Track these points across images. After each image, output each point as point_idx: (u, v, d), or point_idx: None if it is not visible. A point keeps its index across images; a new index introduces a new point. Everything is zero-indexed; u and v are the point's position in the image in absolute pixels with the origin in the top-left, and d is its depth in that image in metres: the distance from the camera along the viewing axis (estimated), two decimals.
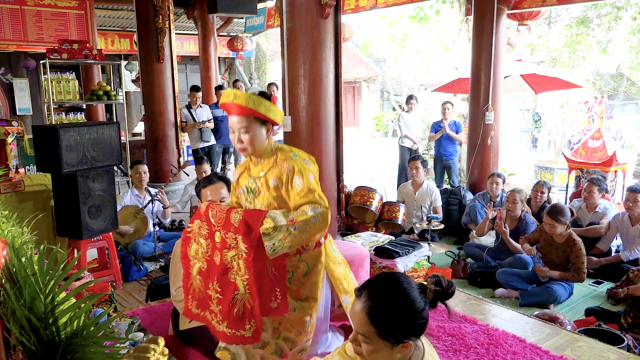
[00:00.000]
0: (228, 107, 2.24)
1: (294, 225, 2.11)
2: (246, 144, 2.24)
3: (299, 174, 2.20)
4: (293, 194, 2.20)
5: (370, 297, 1.42)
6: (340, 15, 4.11)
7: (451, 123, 7.09)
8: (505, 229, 4.65)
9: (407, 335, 1.41)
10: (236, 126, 2.23)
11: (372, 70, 19.95)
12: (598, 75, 13.89)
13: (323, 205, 2.17)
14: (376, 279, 1.50)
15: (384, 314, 1.40)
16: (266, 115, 2.20)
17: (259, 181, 2.30)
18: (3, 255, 1.31)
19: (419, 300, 1.43)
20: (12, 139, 3.99)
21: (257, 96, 2.19)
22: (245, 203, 2.36)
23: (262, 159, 2.31)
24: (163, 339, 1.49)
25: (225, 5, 7.66)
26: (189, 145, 8.02)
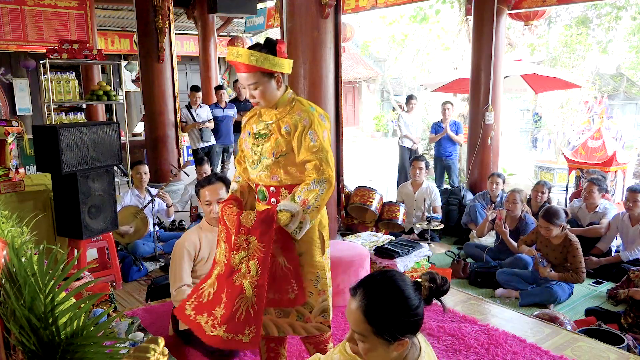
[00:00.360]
0: (236, 65, 2.25)
1: (307, 205, 2.15)
2: (258, 98, 2.26)
3: (314, 129, 2.21)
4: (304, 147, 2.20)
5: (366, 296, 1.43)
6: (340, 15, 4.12)
7: (451, 123, 7.09)
8: (505, 229, 4.65)
9: (402, 332, 1.42)
10: (245, 82, 2.25)
11: (372, 70, 19.95)
12: (598, 75, 13.88)
13: (327, 175, 2.20)
14: (370, 277, 1.50)
15: (379, 312, 1.40)
16: (272, 69, 2.20)
17: (270, 126, 2.29)
18: (3, 255, 1.31)
19: (414, 297, 1.44)
20: (12, 139, 3.99)
21: (260, 52, 2.16)
22: (253, 147, 2.33)
23: (277, 106, 2.31)
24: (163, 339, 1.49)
25: (225, 5, 7.67)
26: (189, 145, 8.02)
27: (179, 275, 2.91)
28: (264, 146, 2.28)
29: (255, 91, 2.23)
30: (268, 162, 2.26)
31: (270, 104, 2.29)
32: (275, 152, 2.24)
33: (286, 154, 2.24)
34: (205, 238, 2.97)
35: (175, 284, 2.91)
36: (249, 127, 2.40)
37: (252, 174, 2.39)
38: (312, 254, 2.34)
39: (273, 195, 2.31)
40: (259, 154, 2.29)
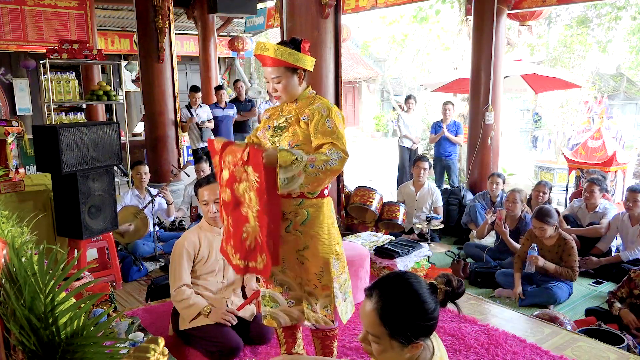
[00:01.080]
0: (262, 58, 2.33)
1: (312, 163, 2.13)
2: (280, 92, 2.34)
3: (331, 117, 2.26)
4: (320, 132, 2.23)
5: (381, 298, 1.42)
6: (340, 15, 4.12)
7: (451, 123, 7.09)
8: (505, 230, 4.65)
9: (417, 335, 1.41)
10: (269, 76, 2.33)
11: (372, 70, 19.95)
12: (598, 75, 13.89)
13: (343, 151, 2.20)
14: (386, 278, 1.49)
15: (395, 315, 1.40)
16: (296, 64, 2.29)
17: (290, 119, 2.35)
18: (3, 255, 1.31)
19: (430, 300, 1.43)
20: (12, 139, 3.99)
21: (285, 47, 2.27)
22: (271, 138, 2.37)
23: (298, 102, 2.38)
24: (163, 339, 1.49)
25: (225, 5, 7.67)
26: (189, 145, 8.03)
27: (179, 275, 2.91)
28: (281, 136, 2.33)
29: (278, 84, 2.32)
30: None
31: (291, 99, 2.37)
32: (291, 142, 2.29)
33: (301, 145, 2.28)
34: (205, 238, 2.97)
35: (174, 284, 2.91)
36: (269, 122, 2.44)
37: None
38: (317, 249, 2.35)
39: None
40: (276, 144, 2.33)
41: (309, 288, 2.39)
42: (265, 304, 2.50)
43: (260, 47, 2.30)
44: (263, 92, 11.10)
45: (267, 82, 2.37)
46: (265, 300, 2.50)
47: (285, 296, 2.45)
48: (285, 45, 2.28)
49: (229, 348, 2.82)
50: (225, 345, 2.81)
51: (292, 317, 2.47)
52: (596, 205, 5.05)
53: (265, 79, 2.37)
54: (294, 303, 2.45)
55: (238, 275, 3.03)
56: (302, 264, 2.37)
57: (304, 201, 2.32)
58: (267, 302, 2.49)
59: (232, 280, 3.06)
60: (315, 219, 2.34)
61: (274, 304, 2.48)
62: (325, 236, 2.37)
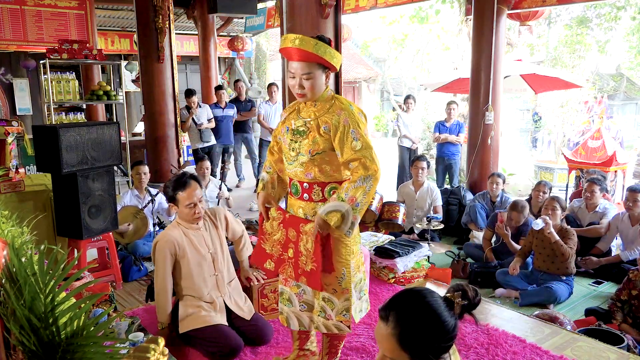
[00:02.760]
0: (290, 52, 2.21)
1: (355, 202, 2.18)
2: (307, 89, 2.23)
3: (355, 128, 2.22)
4: (347, 146, 2.21)
5: (399, 322, 1.36)
6: (340, 15, 4.11)
7: (455, 123, 7.08)
8: (507, 232, 4.65)
9: (439, 355, 1.38)
10: (298, 72, 2.21)
11: (372, 70, 19.94)
12: (598, 75, 13.88)
13: (373, 169, 2.22)
14: (402, 298, 1.43)
15: (415, 339, 1.35)
16: (330, 62, 2.19)
17: (309, 124, 2.29)
18: (3, 255, 1.31)
19: (449, 319, 1.39)
20: (12, 139, 4.00)
21: (322, 42, 2.16)
22: (291, 144, 2.34)
23: (317, 103, 2.30)
24: (163, 339, 1.49)
25: (225, 5, 7.67)
26: (189, 145, 8.03)
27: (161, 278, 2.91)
28: (301, 143, 2.29)
29: (307, 81, 2.21)
30: (304, 159, 2.28)
31: (314, 98, 2.28)
32: (311, 150, 2.26)
33: (322, 153, 2.26)
34: (187, 235, 2.95)
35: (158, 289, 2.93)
36: (287, 123, 2.40)
37: (287, 168, 2.41)
38: (340, 252, 2.36)
39: (306, 191, 2.35)
40: (296, 151, 2.31)
41: (327, 293, 2.38)
42: (282, 302, 2.53)
43: (291, 40, 2.15)
44: (263, 92, 11.10)
45: (292, 78, 2.24)
46: (282, 298, 2.53)
47: (299, 299, 2.46)
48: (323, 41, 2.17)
49: (229, 348, 2.82)
50: (225, 346, 2.82)
51: (301, 322, 2.48)
52: (596, 205, 5.05)
53: (292, 74, 2.24)
54: (306, 308, 2.45)
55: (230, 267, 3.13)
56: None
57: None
58: (284, 300, 2.52)
59: (224, 273, 3.06)
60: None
61: (288, 304, 2.50)
62: (346, 240, 2.37)
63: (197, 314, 2.91)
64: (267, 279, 3.33)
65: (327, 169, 2.29)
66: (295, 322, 2.49)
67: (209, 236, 3.02)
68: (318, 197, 2.33)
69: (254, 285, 3.27)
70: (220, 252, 3.06)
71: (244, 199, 7.47)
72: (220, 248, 3.07)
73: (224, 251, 3.11)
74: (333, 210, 2.17)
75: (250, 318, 3.04)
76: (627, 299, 3.53)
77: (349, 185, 2.21)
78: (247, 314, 3.05)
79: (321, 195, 2.33)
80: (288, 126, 2.38)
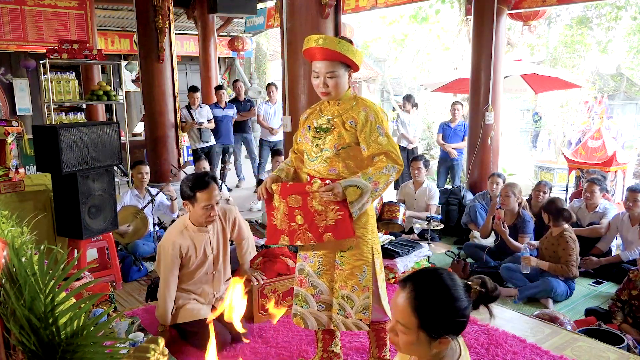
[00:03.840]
0: (314, 52, 2.25)
1: (376, 187, 2.21)
2: (331, 88, 2.28)
3: (381, 123, 2.27)
4: (373, 141, 2.25)
5: (415, 288, 1.42)
6: (340, 15, 4.12)
7: (460, 123, 7.06)
8: (505, 229, 4.65)
9: (447, 331, 1.41)
10: (322, 71, 2.25)
11: (372, 70, 19.92)
12: (598, 75, 13.87)
13: (399, 164, 2.26)
14: (421, 272, 1.50)
15: (427, 305, 1.39)
16: (353, 60, 2.24)
17: (332, 121, 2.33)
18: (3, 255, 1.31)
19: (464, 298, 1.43)
20: (12, 139, 3.99)
21: (345, 41, 2.22)
22: (314, 140, 2.36)
23: (340, 102, 2.35)
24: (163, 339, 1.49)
25: (225, 5, 7.66)
26: (189, 145, 8.02)
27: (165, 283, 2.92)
28: (325, 139, 2.32)
29: (330, 80, 2.25)
30: (328, 154, 2.31)
31: (337, 97, 2.33)
32: (337, 145, 2.29)
33: (347, 147, 2.29)
34: (193, 238, 2.95)
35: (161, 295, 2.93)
36: (309, 122, 2.43)
37: (308, 166, 2.42)
38: (362, 249, 2.37)
39: None
40: (320, 147, 2.33)
41: (346, 291, 2.39)
42: (297, 303, 2.52)
43: (315, 40, 2.20)
44: (263, 92, 11.09)
45: (316, 77, 2.28)
46: (297, 299, 2.52)
47: (316, 299, 2.46)
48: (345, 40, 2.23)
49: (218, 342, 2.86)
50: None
51: (320, 321, 2.48)
52: (596, 205, 5.05)
53: (316, 73, 2.28)
54: (324, 308, 2.45)
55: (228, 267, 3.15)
56: (341, 265, 2.37)
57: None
58: (299, 301, 2.51)
59: (221, 273, 3.10)
60: (359, 220, 2.35)
61: (304, 305, 2.49)
62: (369, 236, 2.39)
63: (186, 306, 2.96)
64: (266, 279, 3.34)
65: (350, 165, 2.32)
66: (313, 322, 2.48)
67: (214, 237, 3.03)
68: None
69: (254, 286, 3.28)
70: (222, 253, 3.08)
71: (244, 199, 7.47)
72: (222, 249, 3.09)
73: (226, 252, 3.13)
74: (355, 186, 2.18)
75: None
76: (627, 299, 3.53)
77: (374, 170, 2.23)
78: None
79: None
80: (310, 125, 2.40)
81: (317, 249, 2.42)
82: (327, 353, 2.67)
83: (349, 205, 2.18)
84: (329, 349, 2.67)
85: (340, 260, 2.38)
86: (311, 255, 2.46)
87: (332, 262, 2.41)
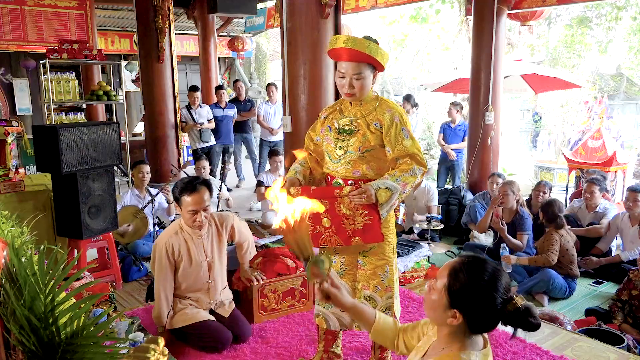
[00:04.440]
0: (340, 52, 2.23)
1: (405, 189, 2.22)
2: (357, 89, 2.26)
3: (406, 126, 2.27)
4: (400, 143, 2.25)
5: (465, 259, 1.46)
6: (340, 15, 4.11)
7: (461, 123, 7.06)
8: (503, 227, 4.64)
9: (463, 309, 1.41)
10: (349, 72, 2.23)
11: None
12: (598, 75, 13.86)
13: (423, 164, 2.26)
14: (477, 255, 1.54)
15: (461, 275, 1.42)
16: (381, 62, 2.24)
17: (355, 122, 2.31)
18: (3, 255, 1.31)
19: (499, 298, 1.40)
20: (12, 139, 3.99)
21: (374, 43, 2.21)
22: (337, 142, 2.35)
23: (362, 102, 2.33)
24: (163, 339, 1.49)
25: (225, 5, 7.66)
26: (189, 145, 8.02)
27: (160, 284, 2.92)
28: (349, 141, 2.30)
29: (357, 81, 2.24)
30: (353, 157, 2.30)
31: (361, 98, 2.31)
32: (361, 148, 2.28)
33: (372, 150, 2.29)
34: (186, 240, 2.95)
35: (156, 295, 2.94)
36: (328, 123, 2.41)
37: (330, 167, 2.41)
38: (384, 249, 2.38)
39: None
40: (344, 149, 2.31)
41: (369, 291, 2.39)
42: (319, 304, 2.52)
43: (342, 40, 2.18)
44: (263, 92, 11.09)
45: (342, 78, 2.26)
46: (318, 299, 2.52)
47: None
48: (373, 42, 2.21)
49: (217, 342, 2.92)
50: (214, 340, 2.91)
51: (342, 322, 2.47)
52: (596, 205, 5.05)
53: (342, 73, 2.26)
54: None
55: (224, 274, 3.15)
56: (364, 265, 2.37)
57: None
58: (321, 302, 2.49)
59: (218, 281, 3.09)
60: (383, 220, 2.35)
61: (327, 305, 2.47)
62: (391, 236, 2.40)
63: (184, 310, 2.97)
64: (266, 279, 3.33)
65: (374, 166, 2.32)
66: (335, 322, 2.48)
67: (209, 243, 3.01)
68: None
69: (254, 286, 3.28)
70: (217, 261, 3.06)
71: (244, 199, 7.47)
72: (218, 256, 3.07)
73: (222, 260, 3.12)
74: (386, 188, 2.17)
75: (228, 315, 3.08)
76: (627, 299, 3.53)
77: (400, 172, 2.22)
78: (227, 312, 3.11)
79: None
80: (330, 125, 2.38)
81: (340, 250, 2.40)
82: (328, 353, 2.67)
83: (379, 207, 2.18)
84: (330, 349, 2.67)
85: (363, 260, 2.38)
86: (333, 256, 2.46)
87: (354, 262, 2.40)
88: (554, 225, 4.29)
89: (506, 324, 1.43)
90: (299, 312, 3.46)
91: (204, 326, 2.93)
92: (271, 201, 1.80)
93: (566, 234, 4.32)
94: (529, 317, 1.40)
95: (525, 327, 1.41)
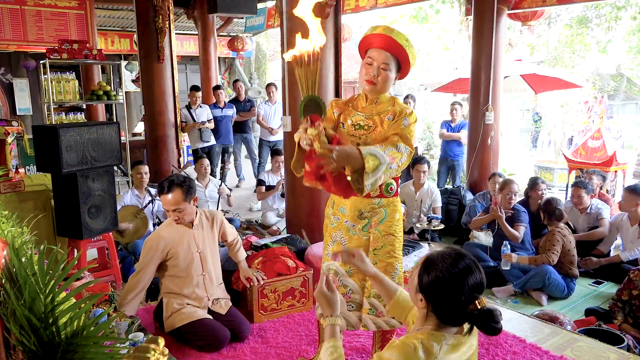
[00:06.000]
0: (374, 40, 2.21)
1: (392, 163, 2.13)
2: (380, 81, 2.23)
3: (409, 119, 2.25)
4: (396, 125, 2.23)
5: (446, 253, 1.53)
6: (340, 16, 4.12)
7: (461, 123, 7.06)
8: (502, 214, 4.63)
9: (427, 295, 1.48)
10: (379, 60, 2.20)
11: None
12: (598, 75, 13.87)
13: (410, 146, 2.21)
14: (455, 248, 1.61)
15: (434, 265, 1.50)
16: (409, 60, 2.23)
17: (371, 118, 2.31)
18: (3, 255, 1.31)
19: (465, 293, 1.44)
20: (12, 139, 3.99)
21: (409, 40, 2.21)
22: (351, 139, 2.31)
23: (377, 101, 2.32)
24: (163, 339, 1.49)
25: (225, 5, 7.66)
26: (189, 145, 8.02)
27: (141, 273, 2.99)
28: (368, 136, 2.28)
29: (383, 72, 2.22)
30: None
31: (380, 92, 2.29)
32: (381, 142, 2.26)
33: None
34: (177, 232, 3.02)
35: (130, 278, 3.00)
36: (341, 119, 2.39)
37: None
38: (394, 246, 2.38)
39: None
40: (365, 140, 2.29)
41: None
42: None
43: (383, 29, 2.19)
44: (263, 92, 11.09)
45: (369, 65, 2.23)
46: (343, 260, 2.51)
47: (347, 298, 2.44)
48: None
49: (215, 340, 2.93)
50: (212, 338, 2.93)
51: (349, 322, 2.46)
52: (586, 206, 5.03)
53: (370, 60, 2.22)
54: (354, 307, 2.43)
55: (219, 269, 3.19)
56: (374, 264, 2.34)
57: (382, 200, 2.36)
58: (344, 262, 2.49)
59: (212, 274, 3.12)
60: (392, 218, 2.37)
61: None
62: (399, 234, 2.40)
63: (181, 310, 2.99)
64: (267, 279, 3.33)
65: None
66: (342, 322, 2.47)
67: (200, 235, 3.08)
68: (375, 192, 2.34)
69: (254, 286, 3.28)
70: (209, 253, 3.12)
71: (244, 199, 7.47)
72: (210, 248, 3.13)
73: (215, 253, 3.17)
74: (374, 155, 2.04)
75: (226, 313, 3.10)
76: (627, 299, 3.53)
77: (388, 145, 2.13)
78: (224, 309, 3.12)
79: (379, 191, 2.35)
80: (343, 122, 2.36)
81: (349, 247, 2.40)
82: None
83: (364, 176, 2.01)
84: None
85: (373, 258, 2.36)
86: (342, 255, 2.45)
87: None
88: (555, 219, 4.27)
89: (470, 323, 1.46)
90: (299, 312, 3.46)
91: (201, 324, 2.95)
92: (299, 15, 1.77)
93: (569, 234, 4.32)
94: (490, 321, 1.43)
95: (485, 329, 1.43)
